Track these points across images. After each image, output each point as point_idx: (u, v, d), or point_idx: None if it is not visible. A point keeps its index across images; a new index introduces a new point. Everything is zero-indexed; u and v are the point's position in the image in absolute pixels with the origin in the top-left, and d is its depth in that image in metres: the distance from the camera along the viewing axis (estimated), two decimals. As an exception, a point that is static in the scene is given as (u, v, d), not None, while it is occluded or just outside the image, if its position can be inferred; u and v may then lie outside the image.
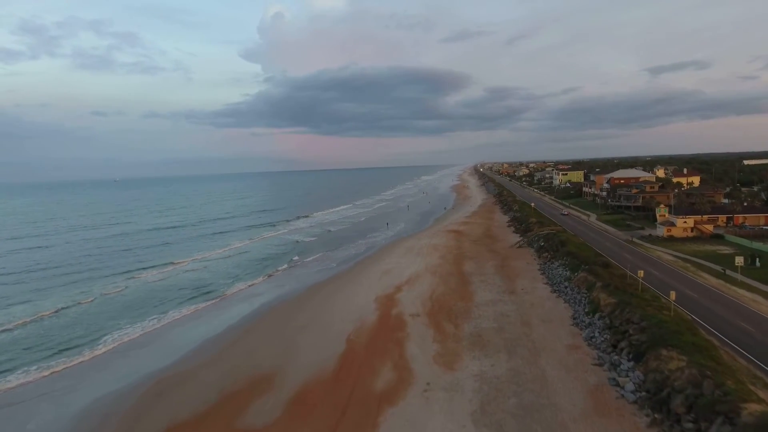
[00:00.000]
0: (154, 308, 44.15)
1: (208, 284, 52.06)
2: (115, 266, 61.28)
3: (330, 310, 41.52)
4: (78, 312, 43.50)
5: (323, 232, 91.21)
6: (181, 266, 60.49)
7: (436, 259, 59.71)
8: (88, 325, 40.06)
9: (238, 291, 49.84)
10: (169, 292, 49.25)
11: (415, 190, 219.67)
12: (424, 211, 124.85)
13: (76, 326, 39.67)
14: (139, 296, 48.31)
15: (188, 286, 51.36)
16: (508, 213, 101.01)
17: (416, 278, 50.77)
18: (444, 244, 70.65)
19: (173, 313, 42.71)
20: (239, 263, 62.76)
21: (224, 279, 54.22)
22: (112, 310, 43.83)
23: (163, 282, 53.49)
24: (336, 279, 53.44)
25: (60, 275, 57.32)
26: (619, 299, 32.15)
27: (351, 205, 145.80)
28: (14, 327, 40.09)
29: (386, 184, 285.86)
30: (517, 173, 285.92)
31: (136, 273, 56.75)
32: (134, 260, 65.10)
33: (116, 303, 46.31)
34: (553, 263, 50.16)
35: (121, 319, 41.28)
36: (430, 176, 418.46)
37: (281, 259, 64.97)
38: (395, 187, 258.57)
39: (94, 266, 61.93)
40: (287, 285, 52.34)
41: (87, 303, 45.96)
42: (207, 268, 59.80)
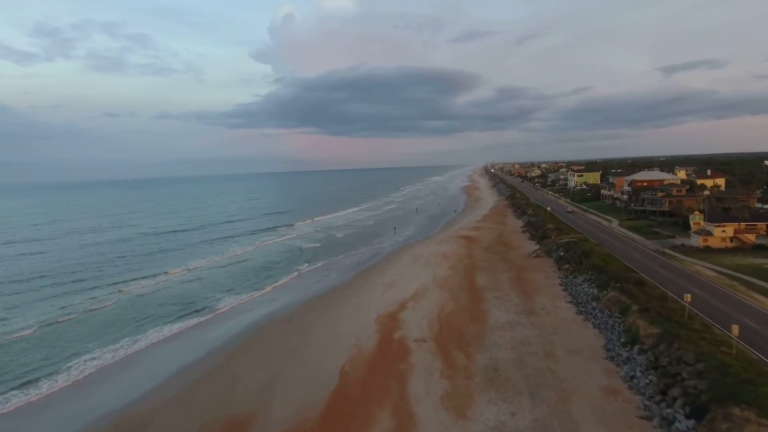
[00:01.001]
0: (134, 327, 39.57)
1: (198, 298, 47.43)
2: (106, 276, 56.76)
3: (324, 332, 36.73)
4: (51, 332, 38.92)
5: (328, 237, 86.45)
6: (175, 276, 55.90)
7: (445, 270, 54.67)
8: (56, 349, 35.51)
9: (229, 307, 45.07)
10: (155, 307, 44.64)
11: (424, 192, 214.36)
12: (433, 214, 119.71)
13: (42, 350, 35.13)
14: (121, 312, 43.65)
15: (177, 301, 46.67)
16: (522, 217, 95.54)
17: (423, 293, 45.78)
18: (454, 251, 65.56)
19: (153, 333, 38.09)
20: (235, 273, 58.07)
21: (216, 292, 49.60)
22: (87, 330, 39.27)
23: (151, 295, 48.77)
24: (335, 293, 48.61)
25: (45, 286, 52.66)
26: (663, 329, 26.94)
27: (359, 208, 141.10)
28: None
29: (395, 185, 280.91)
30: (529, 174, 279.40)
31: (125, 284, 52.02)
32: (127, 269, 60.63)
33: (95, 320, 41.68)
34: (576, 277, 44.83)
35: (94, 340, 36.75)
36: (439, 177, 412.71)
37: (280, 269, 60.28)
38: (405, 188, 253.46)
39: (83, 276, 57.28)
40: (282, 299, 47.62)
41: (64, 321, 41.24)
42: (201, 279, 55.08)
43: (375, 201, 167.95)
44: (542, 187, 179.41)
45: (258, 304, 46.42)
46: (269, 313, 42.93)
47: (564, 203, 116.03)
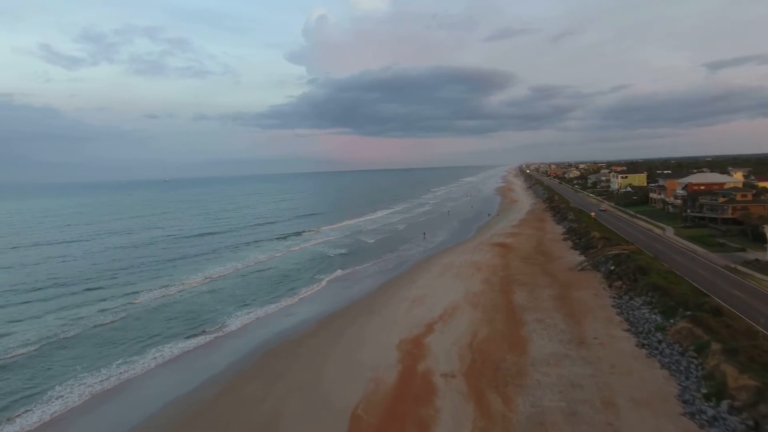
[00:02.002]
0: (135, 348, 35.63)
1: (209, 312, 43.38)
2: (121, 285, 53.19)
3: (339, 359, 31.98)
4: (44, 351, 35.30)
5: (356, 242, 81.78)
6: (191, 287, 52.02)
7: (478, 284, 49.09)
8: (45, 372, 31.89)
9: (239, 324, 40.66)
10: (163, 323, 40.70)
11: (457, 193, 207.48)
12: (466, 217, 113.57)
13: (26, 374, 31.58)
14: (127, 329, 39.74)
15: (187, 315, 42.63)
16: (562, 223, 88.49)
17: (453, 312, 40.43)
18: (488, 261, 59.80)
19: (152, 356, 34.11)
20: (253, 283, 53.87)
21: (230, 305, 45.53)
22: (86, 350, 35.52)
23: (162, 308, 44.77)
24: (356, 309, 43.81)
25: (58, 296, 49.23)
26: (763, 383, 20.86)
27: (390, 211, 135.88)
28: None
29: (427, 186, 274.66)
30: (567, 175, 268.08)
31: (138, 295, 48.16)
32: (145, 276, 57.12)
33: (97, 338, 37.86)
34: (632, 299, 38.44)
35: (89, 363, 33.07)
36: (473, 177, 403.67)
37: (301, 279, 55.85)
38: (437, 189, 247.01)
39: (99, 284, 53.88)
40: (298, 315, 43.17)
41: (67, 337, 37.57)
42: (217, 290, 51.01)
43: (406, 203, 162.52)
44: (582, 189, 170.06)
45: (271, 320, 42.04)
46: (281, 332, 38.48)
47: (605, 205, 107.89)
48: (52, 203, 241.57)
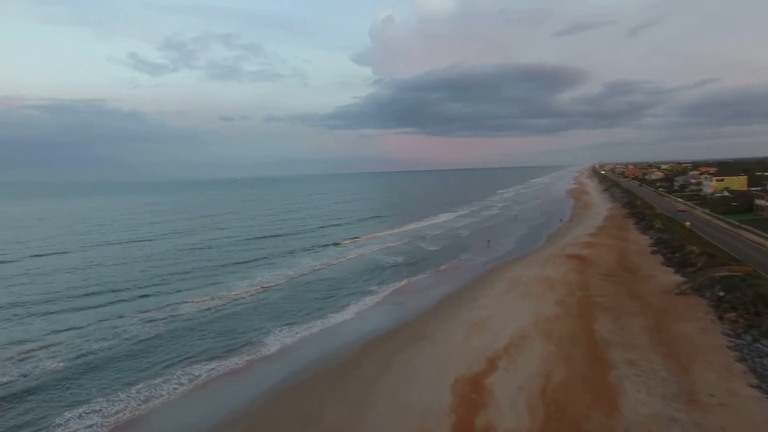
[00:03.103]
0: (160, 369, 32.36)
1: (247, 329, 39.60)
2: (167, 293, 50.30)
3: (380, 401, 26.80)
4: (70, 369, 32.72)
5: (415, 250, 76.44)
6: (236, 297, 48.71)
7: (551, 306, 42.12)
8: (57, 395, 29.17)
9: (277, 344, 36.41)
10: (196, 341, 37.31)
11: (525, 196, 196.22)
12: (535, 223, 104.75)
13: (40, 397, 29.02)
14: (159, 346, 36.52)
15: (223, 331, 39.09)
16: (648, 232, 78.08)
17: (520, 343, 34.03)
18: (562, 277, 52.32)
19: (177, 380, 30.62)
20: (300, 296, 49.72)
21: (270, 320, 41.74)
22: (109, 368, 32.77)
23: (200, 322, 41.39)
24: (407, 331, 38.48)
25: (103, 304, 47.08)
26: None
27: (453, 214, 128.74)
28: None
29: (494, 188, 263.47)
30: (648, 176, 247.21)
31: (180, 306, 44.99)
32: (192, 284, 54.29)
33: (127, 354, 35.00)
34: (758, 341, 30.05)
35: (107, 383, 30.19)
36: (542, 178, 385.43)
37: (351, 292, 51.25)
38: (503, 191, 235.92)
39: (149, 290, 51.42)
40: (341, 336, 38.53)
41: (95, 353, 35.07)
42: (261, 302, 47.32)
43: (471, 206, 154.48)
44: (667, 193, 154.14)
45: (312, 341, 37.62)
46: (321, 357, 33.95)
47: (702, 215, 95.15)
48: (129, 201, 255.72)
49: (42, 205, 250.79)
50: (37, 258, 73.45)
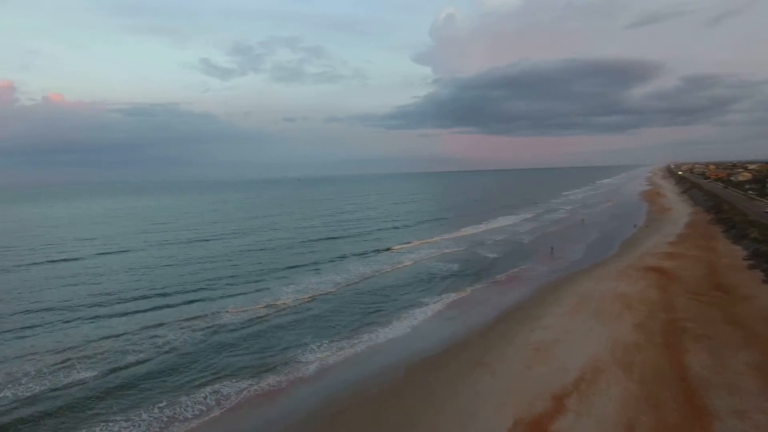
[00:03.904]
0: (188, 385, 30.23)
1: (286, 344, 36.55)
2: (215, 298, 48.58)
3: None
4: (99, 381, 31.68)
5: (472, 256, 71.60)
6: (278, 307, 45.89)
7: (629, 331, 36.40)
8: (69, 421, 27.56)
9: (315, 364, 33.12)
10: (231, 356, 34.68)
11: (593, 198, 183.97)
12: (605, 228, 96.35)
13: (51, 425, 27.45)
14: (193, 359, 34.31)
15: (261, 347, 36.39)
16: (741, 242, 68.63)
17: (594, 377, 28.97)
18: (640, 294, 45.97)
19: (200, 401, 28.15)
20: (346, 308, 46.38)
21: (310, 335, 38.77)
22: (138, 384, 31.17)
23: (240, 334, 38.64)
24: (458, 353, 34.35)
25: (147, 309, 45.82)
26: None
27: (514, 218, 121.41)
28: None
29: (559, 189, 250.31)
30: (733, 177, 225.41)
31: (222, 315, 42.90)
32: (240, 289, 52.08)
33: (159, 368, 33.00)
34: None
35: (132, 400, 28.27)
36: (611, 179, 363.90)
37: (400, 304, 47.49)
38: (569, 192, 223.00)
39: (196, 296, 50.20)
40: (384, 355, 35.01)
41: (126, 367, 33.61)
42: (304, 313, 44.34)
43: (533, 208, 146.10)
44: (760, 197, 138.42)
45: (354, 361, 34.31)
46: (359, 382, 30.55)
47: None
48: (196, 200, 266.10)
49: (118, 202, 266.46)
50: (100, 256, 75.47)
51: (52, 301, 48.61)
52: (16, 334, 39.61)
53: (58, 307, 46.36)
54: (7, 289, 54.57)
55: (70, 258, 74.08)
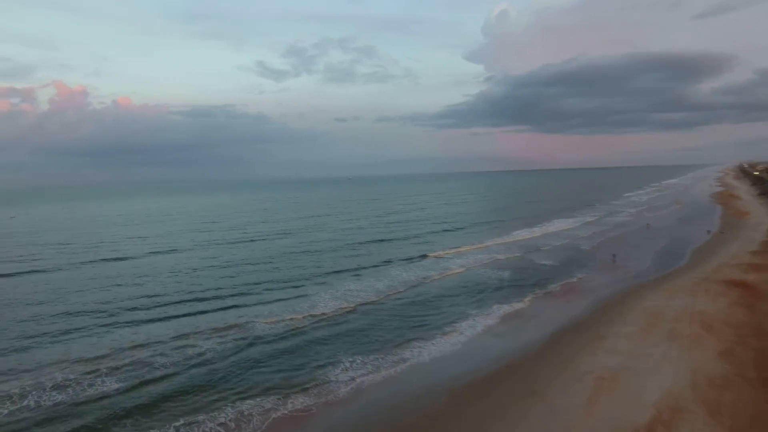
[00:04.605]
0: (211, 403, 28.15)
1: (319, 361, 33.78)
2: (251, 305, 46.83)
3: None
4: (123, 399, 30.27)
5: (525, 263, 66.74)
6: (315, 317, 43.51)
7: (713, 360, 31.13)
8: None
9: (346, 385, 30.30)
10: (261, 369, 32.49)
11: (659, 200, 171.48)
12: (674, 234, 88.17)
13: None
14: (220, 375, 32.46)
15: (292, 362, 33.61)
16: (841, 253, 60.08)
17: (672, 420, 24.31)
18: (722, 313, 40.05)
19: (227, 422, 26.16)
20: (388, 320, 42.80)
21: (347, 351, 35.58)
22: (163, 397, 29.38)
23: (271, 348, 36.13)
24: (506, 378, 30.51)
25: (181, 315, 45.30)
26: None
27: (571, 221, 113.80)
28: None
29: (619, 190, 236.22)
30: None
31: (254, 326, 40.65)
32: (278, 295, 50.51)
33: (183, 383, 31.41)
34: None
35: (146, 418, 26.46)
36: (676, 179, 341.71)
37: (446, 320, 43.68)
38: (630, 193, 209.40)
39: (233, 301, 49.14)
40: (421, 377, 31.61)
41: (150, 381, 32.30)
42: (342, 324, 41.26)
43: (592, 211, 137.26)
44: None
45: (390, 382, 31.12)
46: (393, 407, 27.40)
47: None
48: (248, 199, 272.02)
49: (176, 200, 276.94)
50: (148, 256, 76.37)
51: (93, 303, 48.58)
52: (53, 337, 39.29)
53: (97, 310, 46.09)
54: (55, 288, 55.45)
55: (120, 257, 75.33)
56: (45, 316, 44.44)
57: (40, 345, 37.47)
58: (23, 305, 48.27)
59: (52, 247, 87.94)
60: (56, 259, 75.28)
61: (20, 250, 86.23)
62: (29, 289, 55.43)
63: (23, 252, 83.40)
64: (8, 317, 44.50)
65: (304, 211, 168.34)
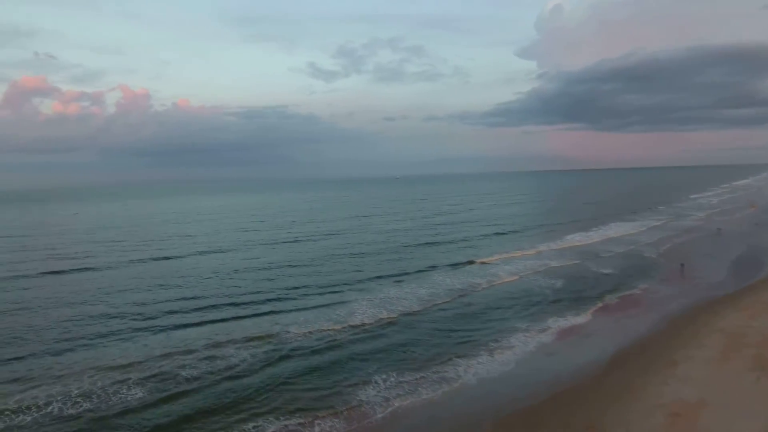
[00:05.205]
0: (232, 425, 26.69)
1: (350, 378, 31.08)
2: (288, 311, 45.41)
3: None
4: (143, 412, 29.17)
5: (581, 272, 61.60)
6: (350, 330, 40.19)
7: (814, 400, 26.18)
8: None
9: (376, 412, 27.50)
10: (291, 387, 30.51)
11: (729, 203, 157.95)
12: (751, 241, 79.82)
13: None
14: (243, 389, 31.20)
15: (321, 378, 31.61)
16: None
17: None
18: (820, 339, 34.35)
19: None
20: (427, 334, 39.58)
21: (383, 369, 32.92)
22: (183, 413, 28.06)
23: (303, 359, 34.64)
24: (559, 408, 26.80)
25: (217, 320, 45.99)
26: None
27: (631, 225, 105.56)
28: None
29: (684, 191, 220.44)
30: None
31: (289, 335, 38.99)
32: (315, 301, 49.21)
33: (205, 399, 30.48)
34: None
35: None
36: (748, 180, 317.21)
37: (490, 334, 40.03)
38: (697, 195, 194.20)
39: (269, 307, 47.76)
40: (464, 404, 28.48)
41: (179, 395, 31.16)
42: (380, 337, 38.40)
43: (655, 214, 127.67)
44: None
45: (428, 407, 28.06)
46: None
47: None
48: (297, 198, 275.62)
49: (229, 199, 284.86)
50: (193, 256, 76.82)
51: (132, 304, 48.44)
52: (89, 340, 39.03)
53: (135, 312, 45.76)
54: (100, 287, 56.17)
55: (166, 256, 76.30)
56: (85, 317, 44.48)
57: (75, 348, 37.13)
58: (67, 305, 48.78)
59: (106, 245, 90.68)
60: (107, 256, 77.18)
61: (76, 246, 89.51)
62: (76, 287, 56.33)
63: (78, 249, 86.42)
64: (52, 317, 44.91)
65: (350, 210, 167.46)
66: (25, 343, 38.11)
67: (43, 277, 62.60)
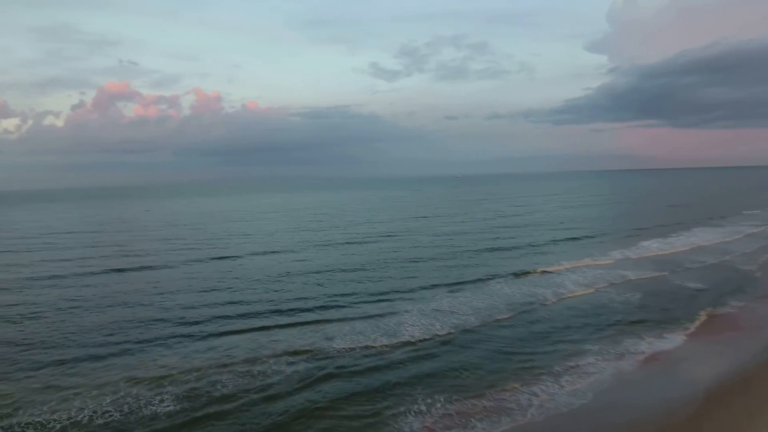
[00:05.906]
0: None
1: (394, 406, 27.97)
2: (326, 322, 44.27)
3: None
4: (161, 426, 27.47)
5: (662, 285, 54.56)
6: (397, 346, 37.99)
7: None
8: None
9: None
10: (320, 413, 28.19)
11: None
12: None
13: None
14: (270, 414, 29.26)
15: (356, 408, 29.14)
16: None
17: None
18: None
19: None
20: (481, 355, 35.26)
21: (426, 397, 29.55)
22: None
23: (345, 378, 32.52)
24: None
25: (257, 328, 45.16)
26: None
27: (721, 230, 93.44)
28: None
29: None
30: None
31: (332, 348, 37.86)
32: (358, 313, 48.08)
33: (228, 414, 28.62)
34: None
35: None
36: None
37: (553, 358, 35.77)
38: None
39: (315, 315, 47.87)
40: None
41: (204, 414, 29.71)
42: (426, 360, 34.52)
43: (748, 219, 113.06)
44: None
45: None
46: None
47: None
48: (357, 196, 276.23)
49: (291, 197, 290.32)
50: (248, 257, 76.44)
51: (180, 308, 47.72)
52: (132, 345, 38.34)
53: (181, 317, 44.90)
54: (153, 287, 56.35)
55: (222, 256, 76.51)
56: (132, 320, 44.07)
57: (116, 353, 36.36)
58: (118, 307, 48.84)
59: (168, 243, 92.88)
60: (167, 255, 78.51)
61: (141, 244, 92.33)
62: (130, 287, 56.84)
63: (143, 246, 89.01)
64: (102, 318, 44.96)
65: (408, 211, 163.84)
66: (70, 346, 37.89)
67: (105, 275, 63.97)
